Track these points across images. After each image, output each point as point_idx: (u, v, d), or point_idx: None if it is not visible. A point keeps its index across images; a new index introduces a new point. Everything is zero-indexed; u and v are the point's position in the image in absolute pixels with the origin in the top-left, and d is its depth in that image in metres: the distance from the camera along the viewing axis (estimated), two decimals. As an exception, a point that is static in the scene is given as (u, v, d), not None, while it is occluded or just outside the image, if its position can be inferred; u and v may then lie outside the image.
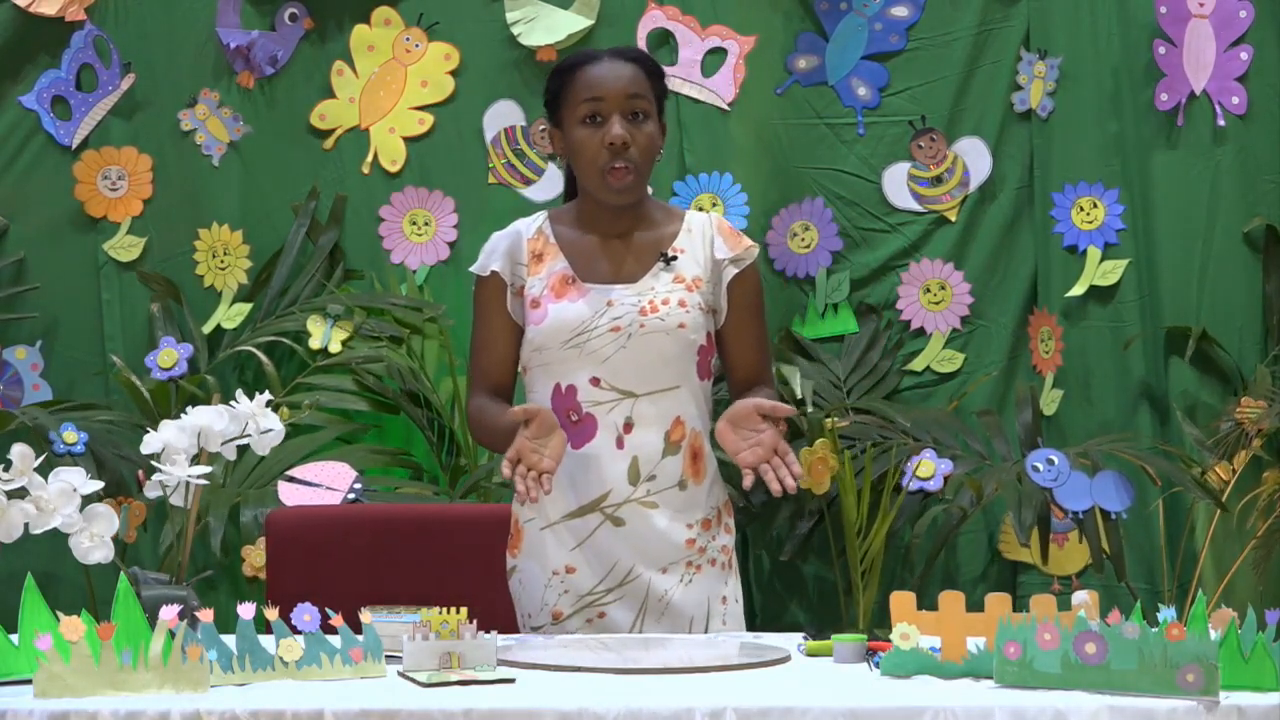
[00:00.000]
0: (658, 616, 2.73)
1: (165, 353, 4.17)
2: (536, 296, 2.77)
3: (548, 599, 2.74)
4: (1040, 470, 3.86)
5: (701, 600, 2.76)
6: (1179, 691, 1.98)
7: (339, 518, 3.15)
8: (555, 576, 2.74)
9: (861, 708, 1.97)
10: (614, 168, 2.74)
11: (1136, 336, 4.12)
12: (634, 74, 2.78)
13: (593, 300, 2.75)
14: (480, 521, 3.06)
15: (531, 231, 2.83)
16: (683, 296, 2.76)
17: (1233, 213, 4.18)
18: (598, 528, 2.72)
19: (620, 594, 2.73)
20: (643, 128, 2.76)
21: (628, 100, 2.76)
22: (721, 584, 2.79)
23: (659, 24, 4.28)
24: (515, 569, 2.80)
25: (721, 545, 2.81)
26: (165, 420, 2.55)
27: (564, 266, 2.78)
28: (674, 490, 2.73)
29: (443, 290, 4.30)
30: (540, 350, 2.76)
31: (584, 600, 2.73)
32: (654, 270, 2.78)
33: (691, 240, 2.82)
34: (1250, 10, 4.19)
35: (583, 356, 2.73)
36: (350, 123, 4.32)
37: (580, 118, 2.77)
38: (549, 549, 2.75)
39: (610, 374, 2.72)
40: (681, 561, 2.75)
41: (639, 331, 2.73)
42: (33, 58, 4.28)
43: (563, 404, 2.73)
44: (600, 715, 1.94)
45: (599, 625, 2.73)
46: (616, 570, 2.73)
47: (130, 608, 2.07)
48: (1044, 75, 4.23)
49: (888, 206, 4.30)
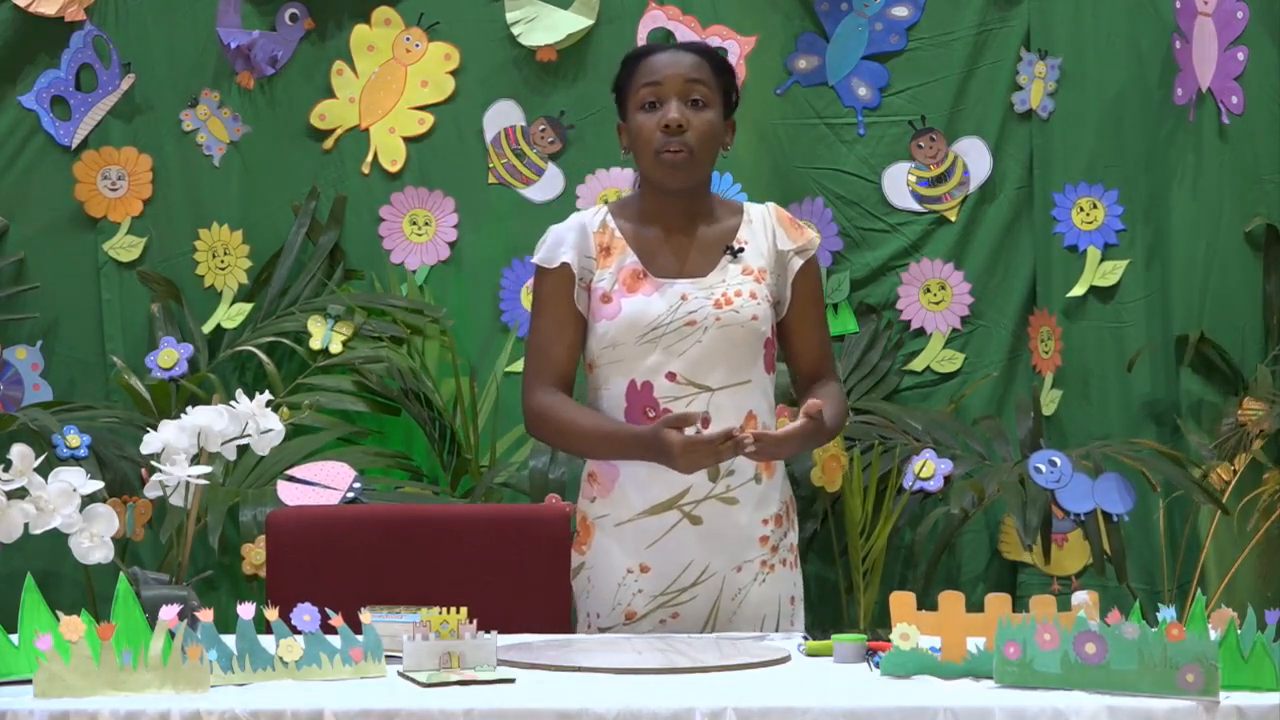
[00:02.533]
0: (730, 616, 2.73)
1: (165, 353, 4.17)
2: (607, 291, 2.76)
3: (620, 598, 2.73)
4: (1043, 472, 3.86)
5: (773, 599, 2.77)
6: (1179, 691, 1.98)
7: (339, 518, 3.15)
8: (629, 575, 2.73)
9: (861, 708, 1.97)
10: (668, 149, 2.73)
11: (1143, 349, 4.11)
12: (696, 62, 2.78)
13: (666, 295, 2.74)
14: (480, 522, 3.06)
15: (596, 225, 2.82)
16: (752, 288, 2.76)
17: (1233, 212, 4.19)
18: (675, 525, 2.72)
19: (694, 593, 2.73)
20: (702, 113, 2.75)
21: (686, 85, 2.75)
22: (791, 584, 2.81)
23: (659, 24, 4.28)
24: (583, 567, 2.79)
25: (790, 543, 2.82)
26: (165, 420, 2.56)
27: (633, 261, 2.77)
28: (751, 484, 2.74)
29: (443, 290, 4.30)
30: (613, 346, 2.74)
31: (658, 600, 2.72)
32: (722, 263, 2.77)
33: (753, 231, 2.82)
34: (1246, 11, 4.19)
35: (658, 351, 2.73)
36: (350, 123, 4.32)
37: (640, 104, 2.77)
38: (623, 547, 2.74)
39: (686, 368, 2.72)
40: (756, 560, 2.75)
41: (715, 325, 2.72)
42: (32, 58, 4.28)
43: (639, 400, 2.73)
44: (600, 715, 1.94)
45: (672, 626, 2.72)
46: (692, 569, 2.72)
47: (130, 608, 2.07)
48: (1044, 76, 4.23)
49: (888, 206, 4.30)
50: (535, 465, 3.90)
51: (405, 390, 4.10)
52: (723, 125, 2.80)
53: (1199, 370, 4.15)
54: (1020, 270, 4.28)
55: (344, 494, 3.75)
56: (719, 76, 2.80)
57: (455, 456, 4.10)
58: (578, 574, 2.81)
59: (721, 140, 2.80)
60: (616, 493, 2.76)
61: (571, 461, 3.84)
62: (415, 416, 4.11)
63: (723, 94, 2.80)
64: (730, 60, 2.91)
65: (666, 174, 2.74)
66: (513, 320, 4.27)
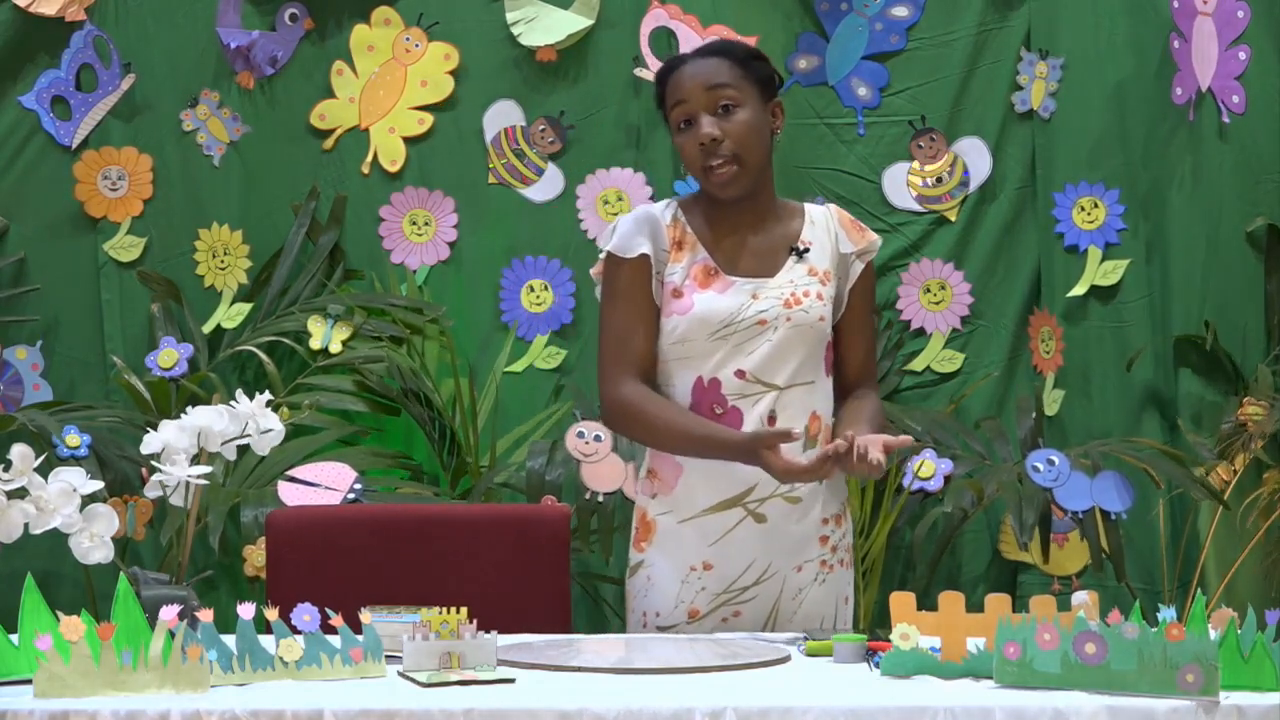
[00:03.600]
0: (790, 616, 2.73)
1: (165, 353, 4.17)
2: (679, 285, 2.76)
3: (684, 596, 2.72)
4: (1040, 470, 3.86)
5: (831, 600, 2.77)
6: (1179, 691, 1.98)
7: (339, 518, 3.15)
8: (693, 572, 2.73)
9: (861, 708, 1.97)
10: (711, 166, 2.73)
11: (1142, 349, 4.11)
12: (715, 67, 2.76)
13: (738, 293, 2.74)
14: (480, 522, 3.06)
15: (668, 218, 2.82)
16: (819, 289, 2.77)
17: (1234, 212, 4.19)
18: (739, 523, 2.72)
19: (756, 592, 2.73)
20: (734, 117, 2.74)
21: (710, 94, 2.74)
22: (847, 584, 2.81)
23: (660, 23, 4.28)
24: (643, 564, 2.78)
25: (848, 543, 2.83)
26: (165, 420, 2.56)
27: (705, 257, 2.77)
28: (814, 485, 2.74)
29: (443, 290, 4.30)
30: (683, 342, 2.74)
31: (720, 598, 2.72)
32: (788, 264, 2.78)
33: (816, 233, 2.82)
34: (1247, 10, 4.19)
35: (727, 349, 2.73)
36: (350, 123, 4.32)
37: (676, 125, 2.78)
38: (687, 544, 2.74)
39: (755, 367, 2.72)
40: (816, 560, 2.76)
41: (785, 325, 2.73)
42: (33, 58, 4.28)
43: (706, 396, 2.73)
44: (600, 715, 1.94)
45: (734, 624, 2.72)
46: (754, 567, 2.72)
47: (130, 608, 2.07)
48: (1045, 76, 4.23)
49: (888, 206, 4.30)
50: (532, 466, 3.90)
51: (405, 390, 4.10)
52: (764, 115, 2.78)
53: (1199, 370, 4.15)
54: (1020, 270, 4.28)
55: (345, 495, 3.76)
56: (745, 69, 2.77)
57: (455, 457, 4.10)
58: (635, 572, 2.80)
59: (767, 131, 2.78)
60: (680, 490, 2.75)
61: (569, 463, 3.85)
62: (415, 416, 4.11)
63: (756, 84, 2.78)
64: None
65: (718, 190, 2.76)
66: (512, 320, 4.27)
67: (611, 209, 4.26)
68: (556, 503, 3.74)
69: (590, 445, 3.80)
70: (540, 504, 3.71)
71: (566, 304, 4.28)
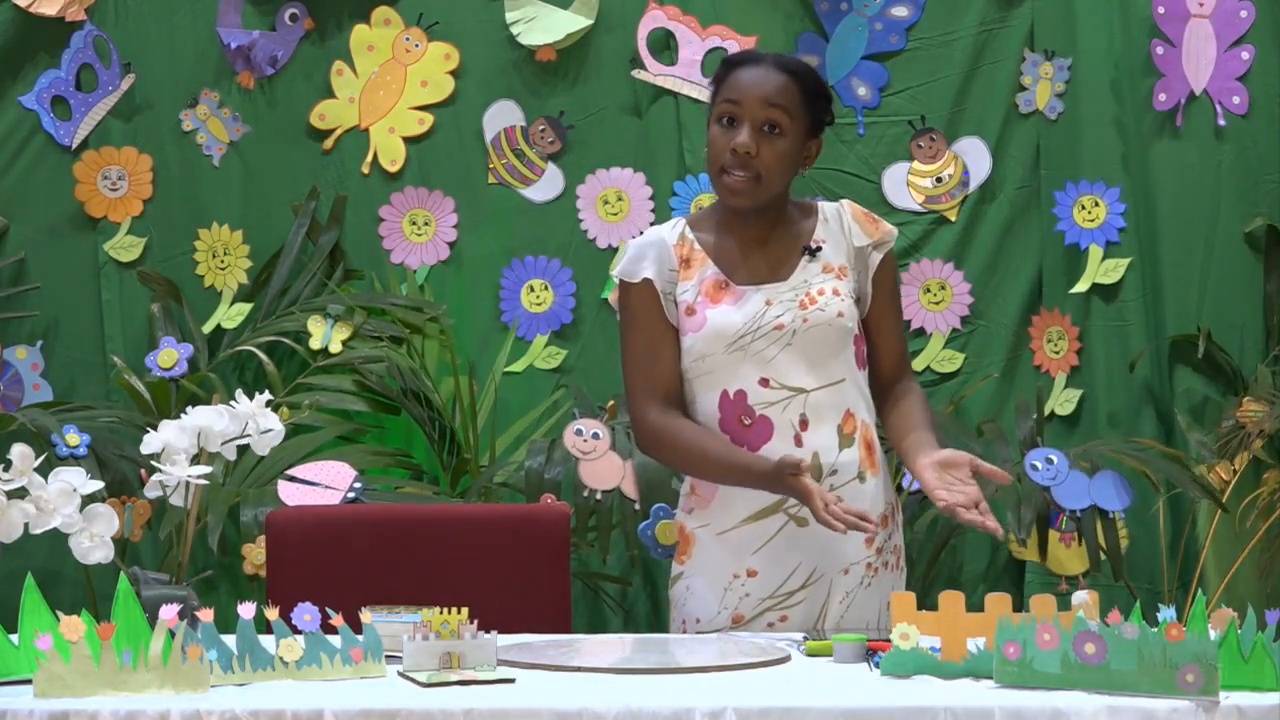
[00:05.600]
0: (837, 619, 2.72)
1: (165, 353, 4.17)
2: (691, 304, 2.76)
3: (727, 602, 2.73)
4: (1039, 469, 3.86)
5: (878, 605, 2.76)
6: (1179, 691, 1.98)
7: (339, 518, 3.15)
8: (736, 580, 2.73)
9: (861, 708, 1.97)
10: (730, 172, 2.73)
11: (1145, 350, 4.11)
12: (782, 85, 2.75)
13: (750, 302, 2.73)
14: (480, 522, 3.06)
15: (675, 238, 2.82)
16: (836, 285, 2.75)
17: (1233, 212, 4.19)
18: (781, 529, 2.72)
19: (803, 596, 2.72)
20: (774, 143, 2.73)
21: (764, 109, 2.72)
22: (897, 586, 2.80)
23: (659, 24, 4.28)
24: (682, 576, 2.80)
25: (895, 545, 2.81)
26: (165, 420, 2.55)
27: (714, 271, 2.77)
28: (854, 483, 2.73)
29: (443, 290, 4.30)
30: (703, 358, 2.74)
31: (766, 604, 2.72)
32: (801, 264, 2.77)
33: (830, 229, 2.81)
34: (1251, 10, 4.19)
35: (748, 359, 2.72)
36: (350, 123, 4.32)
37: (718, 116, 2.76)
38: (727, 554, 2.74)
39: (778, 373, 2.71)
40: (862, 563, 2.75)
41: (803, 327, 2.72)
42: (33, 58, 4.28)
43: (733, 409, 2.72)
44: (600, 715, 1.94)
45: (780, 629, 2.72)
46: (799, 572, 2.72)
47: (130, 608, 2.07)
48: (1050, 76, 4.22)
49: (888, 206, 4.30)
50: (531, 465, 3.89)
51: (405, 390, 4.10)
52: (801, 150, 2.77)
53: (1199, 370, 4.15)
54: (1021, 270, 4.28)
55: (344, 494, 3.75)
56: (806, 99, 2.76)
57: (455, 456, 4.10)
58: (675, 583, 2.82)
59: (797, 165, 2.77)
60: (717, 503, 2.76)
61: (567, 461, 3.85)
62: (415, 416, 4.11)
63: (809, 116, 2.77)
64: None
65: (728, 196, 2.75)
66: (512, 320, 4.27)
67: (611, 209, 4.26)
68: (556, 501, 3.74)
69: (589, 443, 3.80)
70: (540, 503, 3.71)
71: (566, 304, 4.28)
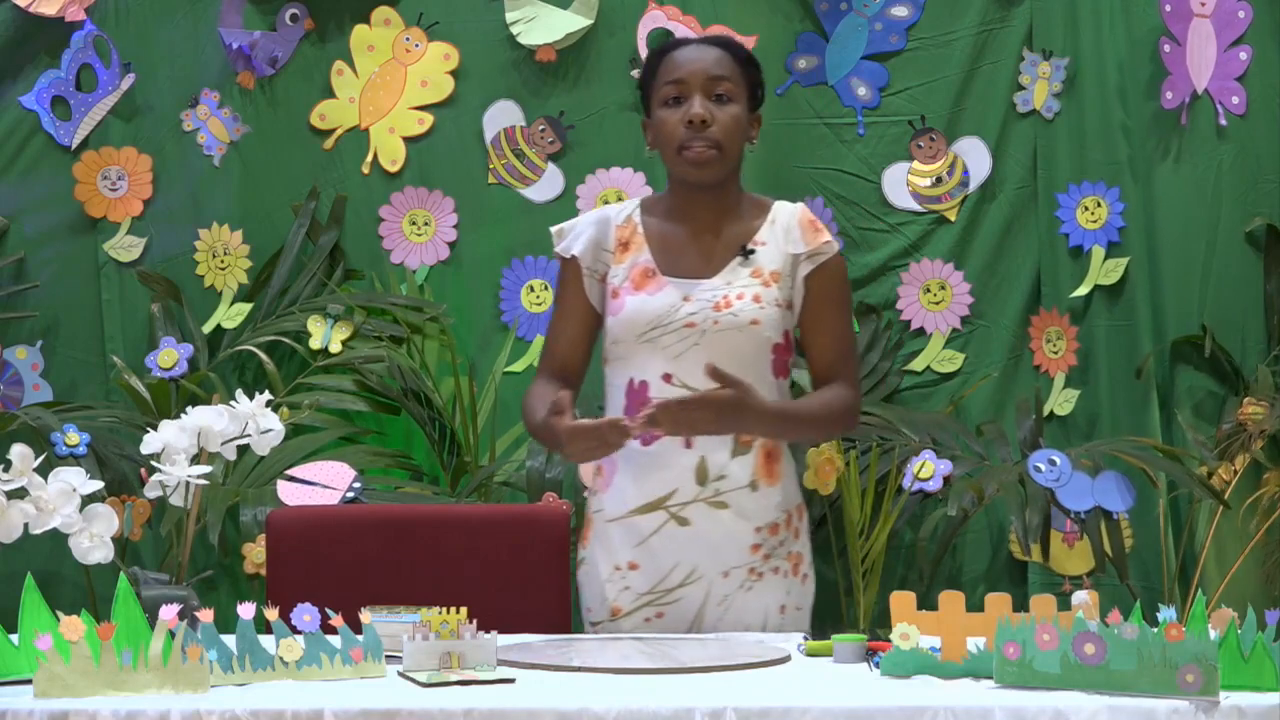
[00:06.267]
0: (715, 622, 2.71)
1: (165, 353, 4.17)
2: (616, 287, 2.76)
3: (608, 593, 2.73)
4: (1042, 471, 3.86)
5: (760, 609, 2.73)
6: (1179, 691, 1.98)
7: (339, 518, 3.15)
8: (617, 572, 2.73)
9: (861, 708, 1.97)
10: (690, 146, 2.72)
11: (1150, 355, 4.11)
12: (720, 57, 2.76)
13: (670, 294, 2.72)
14: (480, 522, 3.06)
15: (621, 218, 2.81)
16: (758, 291, 2.72)
17: (1234, 213, 4.19)
18: (661, 526, 2.71)
19: (679, 596, 2.71)
20: (726, 108, 2.73)
21: (710, 81, 2.73)
22: (783, 593, 2.76)
23: (660, 24, 4.28)
24: (583, 560, 2.80)
25: (788, 551, 2.78)
26: (165, 420, 2.55)
27: (647, 258, 2.76)
28: (744, 491, 2.71)
29: (443, 290, 4.30)
30: (616, 343, 2.74)
31: (643, 599, 2.72)
32: (731, 265, 2.76)
33: (774, 232, 2.79)
34: (1249, 10, 4.19)
35: (656, 351, 2.71)
36: (350, 123, 4.32)
37: (663, 99, 2.75)
38: (614, 543, 2.75)
39: (682, 370, 2.70)
40: (744, 567, 2.73)
41: (713, 328, 2.70)
42: (33, 58, 4.28)
43: (635, 399, 2.72)
44: (600, 715, 1.94)
45: (657, 625, 2.71)
46: (677, 571, 2.71)
47: (130, 608, 2.07)
48: (1049, 76, 4.23)
49: (888, 206, 4.30)
50: (532, 465, 3.90)
51: (405, 390, 4.10)
52: (748, 120, 2.78)
53: (1200, 370, 4.15)
54: (1021, 270, 4.28)
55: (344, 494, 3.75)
56: (744, 70, 2.78)
57: (455, 456, 4.11)
58: (579, 567, 2.83)
59: (747, 135, 2.78)
60: (613, 489, 2.76)
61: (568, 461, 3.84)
62: (415, 416, 4.11)
63: (748, 88, 2.78)
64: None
65: (690, 170, 2.73)
66: (512, 320, 4.27)
67: (611, 209, 4.26)
68: (557, 498, 3.74)
69: (590, 444, 3.79)
70: (541, 502, 3.71)
71: (566, 304, 4.28)
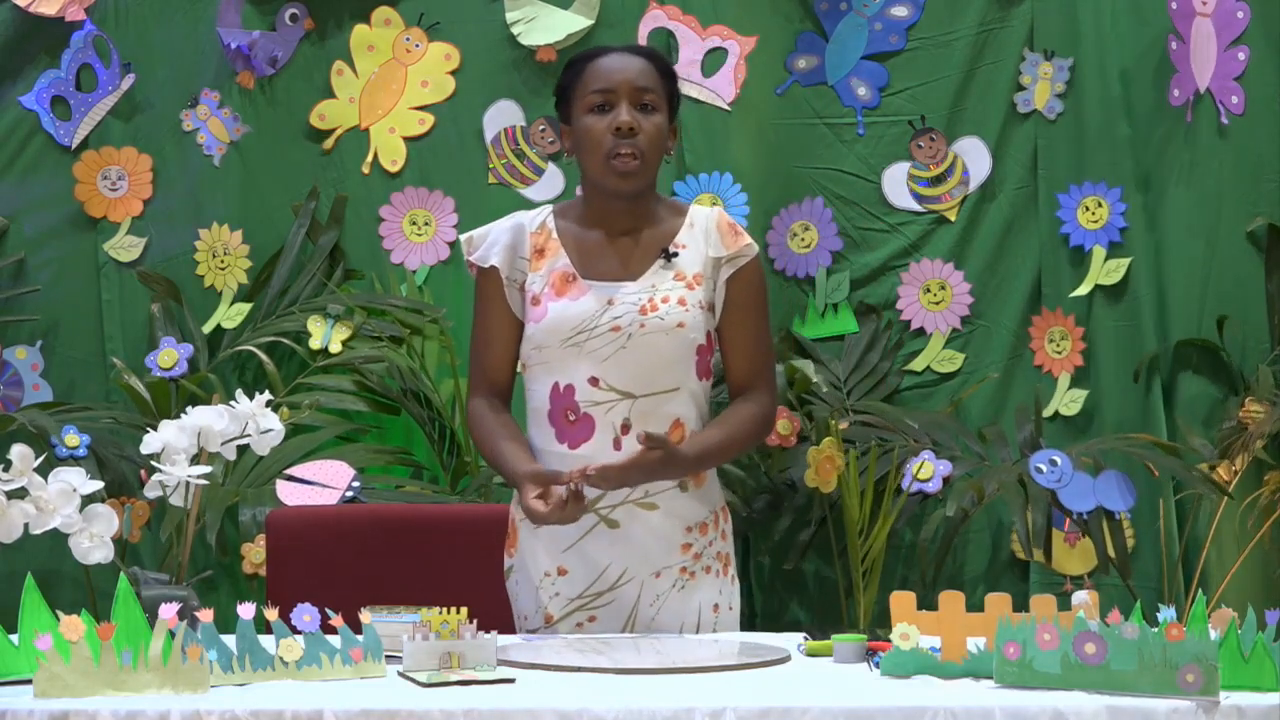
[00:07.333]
0: (648, 623, 2.70)
1: (165, 353, 4.17)
2: (537, 294, 2.74)
3: (540, 600, 2.71)
4: (1043, 471, 3.86)
5: (693, 608, 2.73)
6: (1179, 691, 1.98)
7: (339, 518, 3.15)
8: (547, 578, 2.71)
9: (861, 708, 1.97)
10: (619, 153, 2.72)
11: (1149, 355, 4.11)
12: (644, 67, 2.76)
13: (593, 299, 2.72)
14: (480, 521, 3.06)
15: (535, 225, 2.81)
16: (682, 294, 2.73)
17: (1235, 212, 4.19)
18: (591, 529, 2.69)
19: (611, 598, 2.70)
20: (651, 117, 2.74)
21: (636, 91, 2.73)
22: (715, 592, 2.75)
23: (660, 24, 4.28)
24: (511, 569, 2.78)
25: (717, 551, 2.77)
26: (165, 420, 2.55)
27: (565, 263, 2.75)
28: (673, 492, 2.71)
29: (443, 290, 4.30)
30: (540, 349, 2.73)
31: (574, 603, 2.70)
32: (655, 267, 2.76)
33: (693, 235, 2.78)
34: (1247, 11, 4.19)
35: (582, 355, 2.70)
36: (350, 123, 4.32)
37: (589, 107, 2.74)
38: (541, 550, 2.72)
39: (609, 374, 2.70)
40: (676, 567, 2.72)
41: (639, 331, 2.69)
42: (33, 58, 4.28)
43: (561, 403, 2.71)
44: (600, 715, 1.94)
45: (589, 629, 2.70)
46: (608, 574, 2.70)
47: (130, 608, 2.06)
48: (1050, 76, 4.23)
49: (888, 206, 4.30)
50: (534, 465, 3.89)
51: (405, 390, 4.10)
52: (668, 129, 2.80)
53: (1201, 370, 4.15)
54: (1021, 270, 4.28)
55: (343, 493, 3.75)
56: (665, 81, 2.79)
57: (454, 456, 4.10)
58: (509, 576, 2.79)
59: (666, 145, 2.79)
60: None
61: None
62: (414, 416, 4.11)
63: (668, 99, 2.80)
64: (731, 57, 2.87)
65: (617, 179, 2.73)
66: (513, 320, 4.26)
67: (611, 209, 4.26)
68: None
69: (590, 445, 3.79)
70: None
71: (566, 304, 4.28)
